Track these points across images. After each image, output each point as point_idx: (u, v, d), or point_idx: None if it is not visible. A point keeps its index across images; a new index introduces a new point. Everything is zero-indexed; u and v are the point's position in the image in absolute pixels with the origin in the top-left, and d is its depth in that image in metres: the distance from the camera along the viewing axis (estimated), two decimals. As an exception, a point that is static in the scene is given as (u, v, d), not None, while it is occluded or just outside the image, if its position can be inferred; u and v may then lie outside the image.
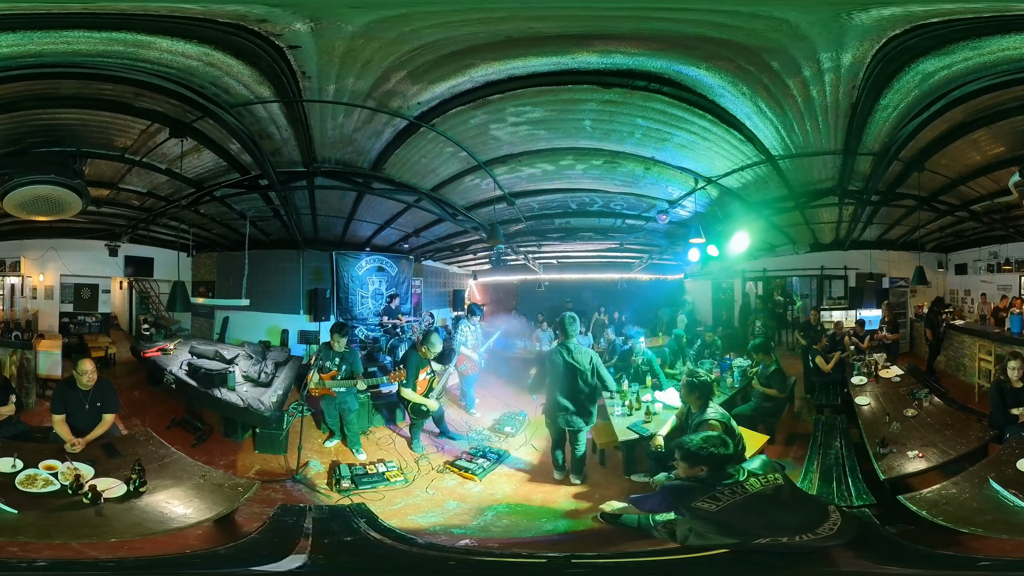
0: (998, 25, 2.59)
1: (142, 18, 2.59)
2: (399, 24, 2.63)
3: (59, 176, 3.64)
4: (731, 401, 4.96)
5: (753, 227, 5.29)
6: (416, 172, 4.68)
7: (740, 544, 2.38)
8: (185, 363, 4.95)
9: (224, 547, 2.59)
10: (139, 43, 2.75)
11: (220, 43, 2.81)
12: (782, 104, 3.46)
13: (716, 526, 2.43)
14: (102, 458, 3.18)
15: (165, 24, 2.64)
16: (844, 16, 2.54)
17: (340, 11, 2.54)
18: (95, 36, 2.67)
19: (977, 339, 5.49)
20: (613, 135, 4.10)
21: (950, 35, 2.67)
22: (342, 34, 2.69)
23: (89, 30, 2.63)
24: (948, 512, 2.59)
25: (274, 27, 2.64)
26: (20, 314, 5.46)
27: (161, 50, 2.82)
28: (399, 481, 4.05)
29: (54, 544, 2.36)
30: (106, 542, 2.42)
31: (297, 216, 5.63)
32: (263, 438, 4.50)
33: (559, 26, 2.75)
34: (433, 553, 2.74)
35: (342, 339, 4.66)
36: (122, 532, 2.50)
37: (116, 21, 2.60)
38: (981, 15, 2.51)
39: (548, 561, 2.55)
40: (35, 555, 2.28)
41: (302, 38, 2.72)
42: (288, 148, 4.12)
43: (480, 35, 2.77)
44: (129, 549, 2.42)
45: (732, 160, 4.44)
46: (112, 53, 2.82)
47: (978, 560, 2.31)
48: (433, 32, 2.71)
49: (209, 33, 2.70)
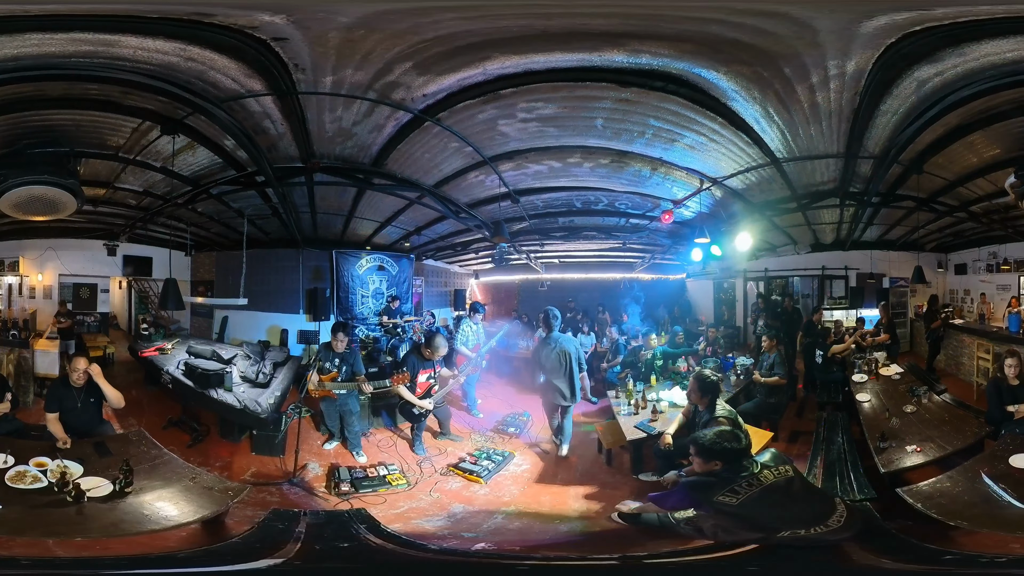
0: (973, 30, 2.65)
1: (102, 18, 2.57)
2: (412, 15, 2.59)
3: (53, 176, 3.60)
4: (734, 399, 4.97)
5: (756, 227, 5.33)
6: (419, 168, 4.63)
7: (766, 539, 2.41)
8: (182, 363, 4.88)
9: (187, 550, 2.52)
10: (106, 42, 2.72)
11: (191, 38, 2.75)
12: (789, 108, 3.53)
13: (738, 520, 2.46)
14: (93, 457, 3.14)
15: (126, 23, 2.61)
16: (857, 24, 2.59)
17: (317, 3, 2.50)
18: (57, 37, 2.64)
19: (975, 338, 5.55)
20: (624, 134, 4.11)
21: (934, 42, 2.75)
22: (332, 25, 2.64)
23: (49, 31, 2.60)
24: (941, 505, 2.66)
25: (235, 21, 2.58)
26: (18, 313, 5.40)
27: (133, 47, 2.78)
28: (401, 484, 3.99)
29: (28, 540, 2.35)
30: (74, 541, 2.39)
31: (296, 214, 5.57)
32: (260, 440, 4.43)
33: (601, 23, 2.74)
34: (449, 559, 2.68)
35: (344, 339, 4.60)
36: (97, 531, 2.46)
37: (76, 22, 2.58)
38: (959, 20, 2.57)
39: (619, 563, 2.50)
40: (6, 551, 2.26)
41: (286, 30, 2.66)
42: (284, 143, 4.04)
43: (508, 29, 2.75)
44: (101, 548, 2.38)
45: (738, 162, 4.48)
46: (83, 53, 2.79)
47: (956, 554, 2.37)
48: (451, 24, 2.67)
49: (174, 29, 2.66)
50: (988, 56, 2.86)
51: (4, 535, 2.35)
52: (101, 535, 2.44)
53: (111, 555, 2.37)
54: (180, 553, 2.49)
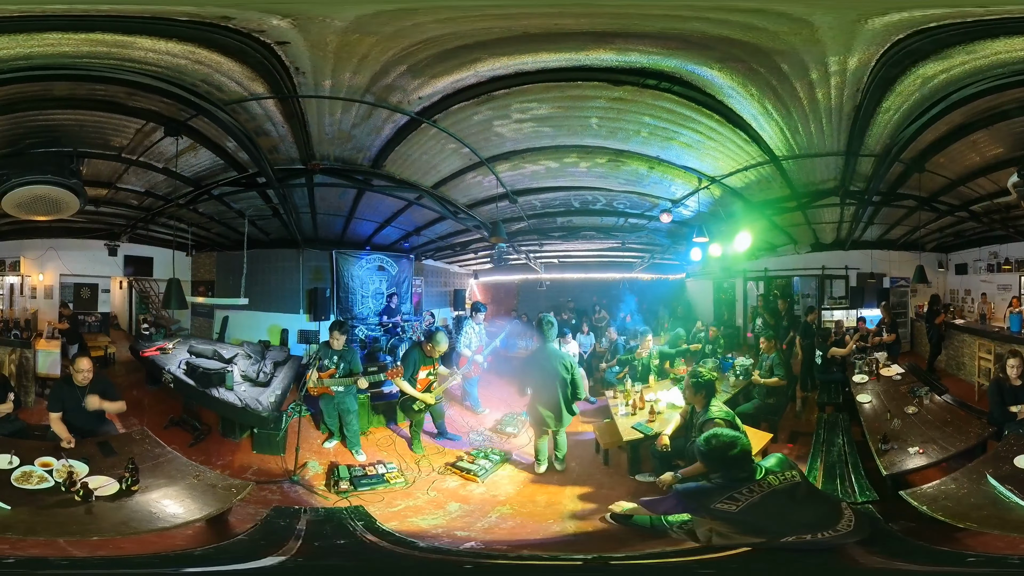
0: (986, 29, 2.62)
1: (120, 19, 2.59)
2: (396, 18, 2.60)
3: (56, 176, 3.62)
4: (733, 400, 4.96)
5: (755, 227, 5.30)
6: (417, 169, 4.66)
7: (765, 543, 2.40)
8: (183, 362, 4.91)
9: (202, 547, 2.58)
10: (121, 43, 2.74)
11: (202, 41, 2.79)
12: (788, 106, 3.50)
13: (739, 526, 2.44)
14: (97, 456, 3.18)
15: (143, 24, 2.63)
16: (862, 21, 2.56)
17: (321, 6, 2.51)
18: (77, 37, 2.66)
19: (977, 338, 5.51)
20: (619, 133, 4.10)
21: (946, 39, 2.71)
22: (330, 28, 2.66)
23: (68, 32, 2.63)
24: (947, 507, 2.64)
25: (247, 24, 2.61)
26: (19, 313, 5.44)
27: (145, 49, 2.81)
28: (399, 482, 4.02)
29: (40, 541, 2.37)
30: (89, 540, 2.42)
31: (296, 215, 5.60)
32: (261, 438, 4.47)
33: (584, 23, 2.74)
34: (436, 557, 2.71)
35: (341, 337, 4.63)
36: (108, 530, 2.49)
37: (96, 22, 2.60)
38: (968, 19, 2.55)
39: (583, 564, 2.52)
40: (21, 552, 2.28)
41: (289, 34, 2.69)
42: (285, 145, 4.08)
43: (492, 30, 2.76)
44: (113, 547, 2.42)
45: (736, 160, 4.45)
46: (97, 54, 2.82)
47: (967, 556, 2.35)
48: (435, 27, 2.69)
49: (189, 32, 2.69)
50: (999, 54, 2.81)
51: (16, 536, 2.37)
52: (113, 534, 2.48)
53: (136, 554, 2.43)
54: (196, 551, 2.55)
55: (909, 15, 2.52)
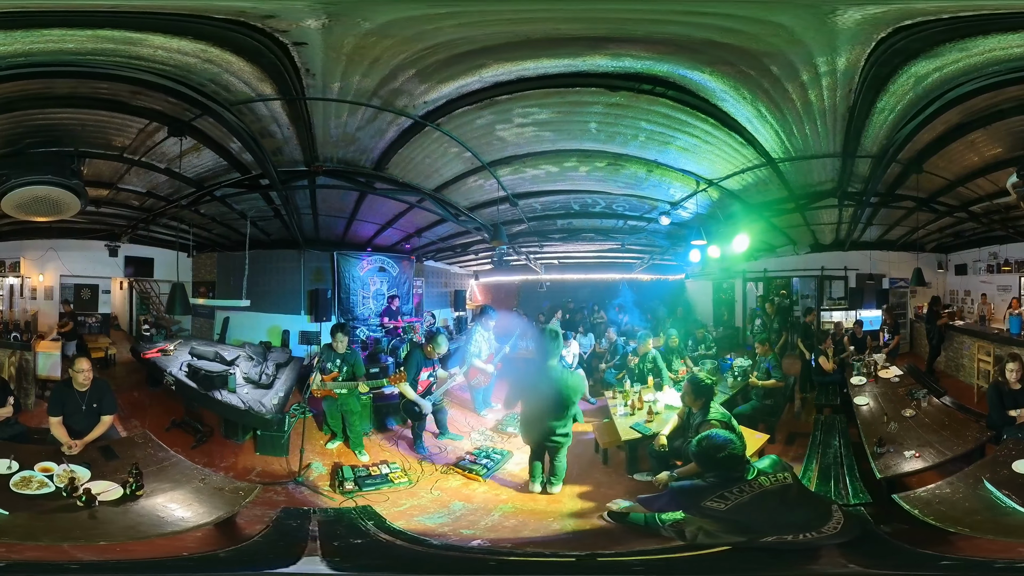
0: (978, 25, 2.59)
1: (132, 15, 2.54)
2: (418, 23, 2.61)
3: (57, 176, 3.59)
4: (731, 401, 4.98)
5: (754, 228, 5.32)
6: (419, 172, 4.67)
7: (746, 542, 2.41)
8: (185, 364, 4.92)
9: (224, 550, 2.57)
10: (130, 40, 2.70)
11: (217, 40, 2.76)
12: (781, 108, 3.51)
13: (725, 524, 2.48)
14: (99, 461, 3.15)
15: (157, 21, 2.58)
16: (828, 17, 2.53)
17: (359, 7, 2.50)
18: (82, 34, 2.61)
19: (976, 340, 5.52)
20: (618, 137, 4.13)
21: (934, 36, 2.69)
22: (355, 31, 2.66)
23: (74, 28, 2.57)
24: (940, 512, 2.63)
25: (280, 23, 2.60)
26: (19, 315, 5.42)
27: (154, 47, 2.77)
28: (403, 482, 4.04)
29: (41, 546, 2.34)
30: (96, 544, 2.40)
31: (298, 216, 5.60)
32: (264, 440, 4.47)
33: (580, 28, 2.77)
34: (452, 554, 2.73)
35: (344, 339, 4.64)
36: (115, 535, 2.47)
37: (103, 19, 2.54)
38: (944, 15, 2.51)
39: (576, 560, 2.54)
40: (17, 556, 2.26)
41: (310, 35, 2.68)
42: (290, 147, 4.09)
43: (499, 35, 2.78)
44: (122, 551, 2.40)
45: (733, 163, 4.47)
46: (103, 51, 2.77)
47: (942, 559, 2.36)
48: (451, 32, 2.70)
49: (205, 30, 2.65)
50: (993, 51, 2.78)
51: (13, 541, 2.34)
52: (122, 539, 2.46)
53: (158, 557, 2.41)
54: (220, 553, 2.54)
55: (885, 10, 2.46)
